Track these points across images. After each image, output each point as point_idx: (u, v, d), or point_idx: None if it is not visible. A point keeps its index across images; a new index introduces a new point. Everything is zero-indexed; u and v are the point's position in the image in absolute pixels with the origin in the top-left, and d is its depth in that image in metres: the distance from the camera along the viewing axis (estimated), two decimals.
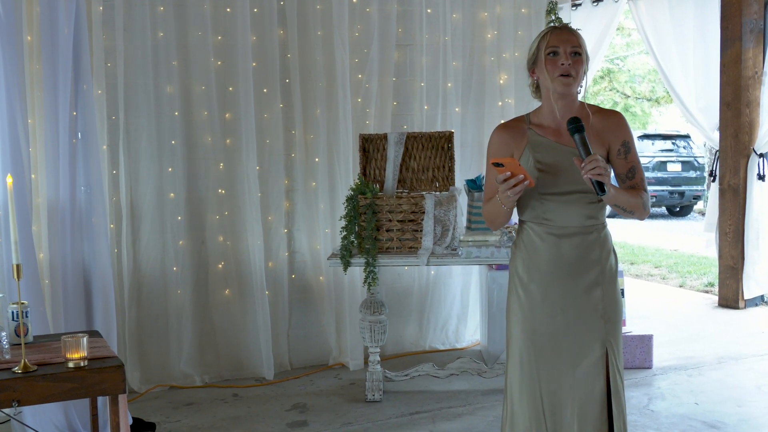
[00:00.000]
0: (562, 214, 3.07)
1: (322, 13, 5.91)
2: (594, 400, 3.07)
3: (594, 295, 3.09)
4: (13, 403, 2.88)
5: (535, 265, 3.14)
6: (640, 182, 3.09)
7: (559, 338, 3.10)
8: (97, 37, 5.25)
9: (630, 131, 3.16)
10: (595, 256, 3.09)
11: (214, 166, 5.74)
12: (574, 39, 3.06)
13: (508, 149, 3.15)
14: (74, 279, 4.59)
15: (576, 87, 3.07)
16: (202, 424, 4.98)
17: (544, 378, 3.11)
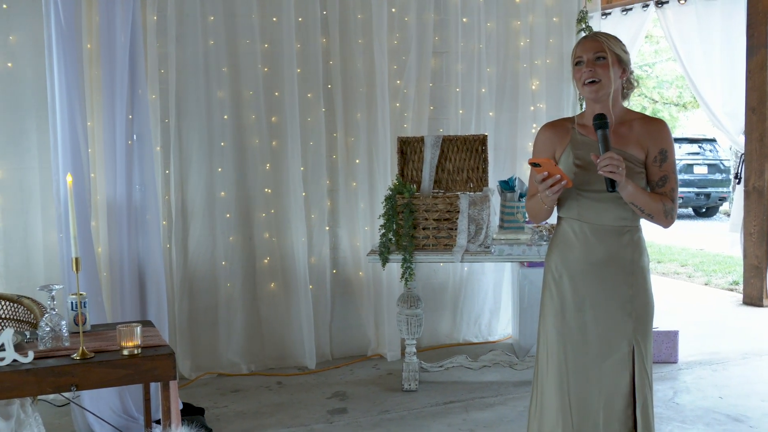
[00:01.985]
0: (596, 212, 3.04)
1: (362, 22, 5.91)
2: (619, 395, 3.04)
3: (623, 294, 3.05)
4: (72, 388, 2.91)
5: (569, 261, 3.11)
6: (669, 192, 3.02)
7: (587, 333, 3.07)
8: (152, 45, 5.30)
9: (670, 141, 3.07)
10: (627, 256, 3.05)
11: (261, 166, 5.77)
12: (597, 45, 3.01)
13: (552, 146, 3.13)
14: (130, 272, 4.63)
15: (607, 90, 3.01)
16: (248, 410, 5.00)
17: (572, 371, 3.08)
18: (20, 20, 5.10)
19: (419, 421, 4.75)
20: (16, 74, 5.14)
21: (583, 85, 3.02)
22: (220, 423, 4.76)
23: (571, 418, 3.08)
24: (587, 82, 3.01)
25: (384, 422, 4.75)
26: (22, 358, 2.87)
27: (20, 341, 3.15)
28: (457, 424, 4.69)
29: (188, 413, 4.70)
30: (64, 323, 3.17)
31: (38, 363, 2.90)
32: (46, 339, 3.11)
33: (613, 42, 3.04)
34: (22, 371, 2.84)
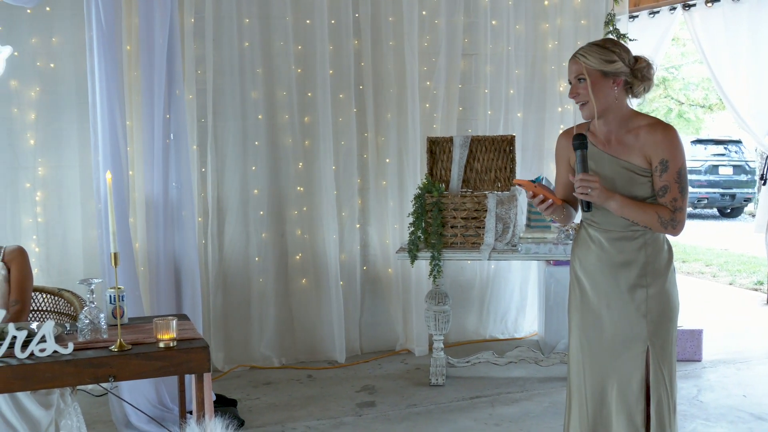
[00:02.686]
0: (606, 218, 3.04)
1: (393, 25, 5.90)
2: (631, 391, 3.04)
3: (637, 296, 3.03)
4: (109, 379, 2.93)
5: (586, 262, 3.14)
6: (669, 202, 2.92)
7: (603, 332, 3.09)
8: (189, 47, 5.32)
9: (674, 150, 2.92)
10: (640, 258, 3.03)
11: (294, 165, 5.78)
12: (577, 67, 2.98)
13: (566, 153, 3.16)
14: (166, 267, 4.66)
15: (599, 105, 2.95)
16: (279, 402, 5.01)
17: (588, 364, 3.12)
18: (63, 23, 5.15)
19: (446, 415, 4.73)
20: (59, 75, 5.20)
21: (577, 105, 3.06)
22: (252, 414, 4.78)
23: (587, 408, 3.12)
24: (578, 105, 3.02)
25: (412, 416, 4.74)
26: (63, 349, 2.89)
27: (61, 333, 3.17)
28: (483, 419, 4.67)
29: (221, 404, 4.72)
30: (102, 316, 3.19)
31: (78, 354, 2.92)
32: (85, 331, 3.13)
33: (593, 57, 2.94)
34: (62, 362, 2.86)
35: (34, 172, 5.22)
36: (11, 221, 5.06)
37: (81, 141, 5.18)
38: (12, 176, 5.16)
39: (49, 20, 5.15)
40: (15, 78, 5.08)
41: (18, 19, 5.06)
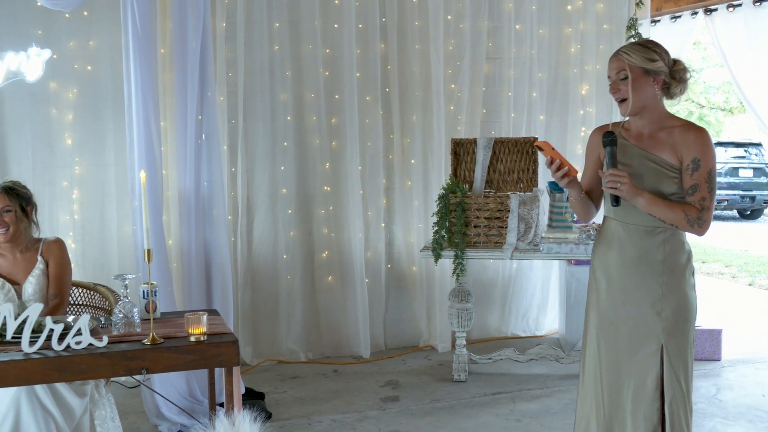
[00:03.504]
0: (632, 212, 3.00)
1: (419, 29, 5.89)
2: (646, 389, 3.01)
3: (653, 293, 3.00)
4: (142, 371, 2.94)
5: (606, 258, 3.11)
6: (698, 201, 2.90)
7: (619, 328, 3.06)
8: (220, 50, 5.35)
9: (706, 151, 2.92)
10: (659, 256, 2.99)
11: (321, 165, 5.79)
12: (619, 63, 2.97)
13: (598, 148, 3.14)
14: (197, 263, 4.68)
15: (636, 105, 2.95)
16: (305, 396, 5.03)
17: (605, 362, 3.09)
18: (100, 27, 5.19)
19: (468, 410, 4.72)
20: (96, 77, 5.24)
21: (616, 102, 3.04)
22: (279, 407, 4.79)
23: (603, 406, 3.10)
24: (617, 101, 3.02)
25: (434, 410, 4.73)
26: (97, 342, 2.91)
27: (95, 326, 3.20)
28: (505, 414, 4.65)
29: (250, 397, 4.74)
30: (136, 310, 3.21)
31: (112, 347, 2.95)
32: (119, 325, 3.15)
33: (636, 55, 2.94)
34: (97, 354, 2.88)
35: (72, 171, 5.27)
36: (49, 218, 5.10)
37: (116, 141, 5.22)
38: (50, 175, 5.21)
39: (86, 24, 5.19)
40: (54, 80, 5.13)
41: (57, 23, 5.11)
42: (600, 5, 6.26)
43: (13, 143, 5.13)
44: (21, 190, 3.67)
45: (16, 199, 3.59)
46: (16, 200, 3.58)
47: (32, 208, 3.69)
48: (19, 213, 3.59)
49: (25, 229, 3.63)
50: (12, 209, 3.57)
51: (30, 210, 3.67)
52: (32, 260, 3.65)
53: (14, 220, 3.57)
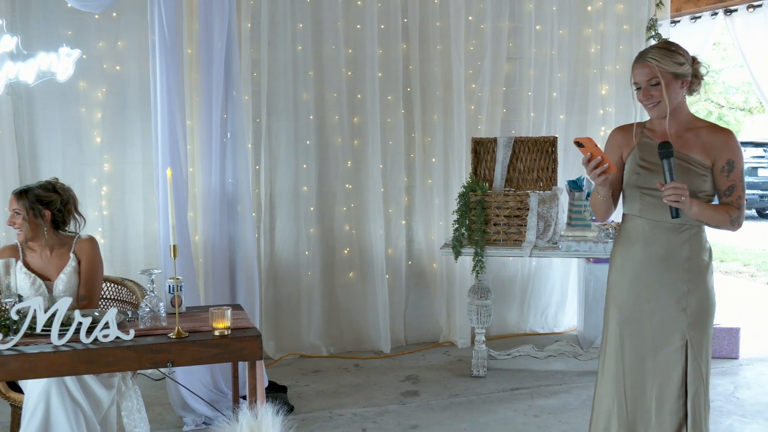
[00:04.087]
0: (657, 210, 2.98)
1: (441, 30, 5.88)
2: (671, 385, 2.99)
3: (679, 290, 2.98)
4: (167, 364, 2.96)
5: (630, 256, 3.08)
6: (735, 200, 2.95)
7: (643, 325, 3.04)
8: (245, 50, 5.36)
9: (738, 151, 2.97)
10: (684, 253, 2.98)
11: (343, 164, 5.79)
12: (648, 70, 2.93)
13: (620, 148, 3.11)
14: (222, 259, 4.69)
15: (670, 104, 2.94)
16: (327, 389, 5.04)
17: (628, 360, 3.06)
18: (128, 27, 5.23)
19: (487, 406, 4.71)
20: (124, 77, 5.28)
21: (646, 108, 3.01)
22: (301, 401, 4.81)
23: (626, 404, 3.08)
24: (649, 106, 2.98)
25: (453, 405, 4.73)
26: (124, 335, 2.93)
27: (123, 320, 3.22)
28: (523, 410, 4.64)
29: (272, 391, 4.75)
30: (162, 305, 3.23)
31: (138, 340, 2.96)
32: (145, 319, 3.17)
33: (666, 60, 2.91)
34: (124, 347, 2.90)
35: (100, 168, 5.31)
36: None
37: (144, 139, 5.26)
38: (79, 172, 5.26)
39: (115, 25, 5.23)
40: (83, 79, 5.18)
41: (86, 24, 5.15)
42: (620, 6, 6.22)
43: (44, 141, 5.19)
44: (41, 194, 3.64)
45: (26, 202, 3.59)
46: (26, 202, 3.59)
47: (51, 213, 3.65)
48: (30, 215, 3.59)
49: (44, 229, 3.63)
50: (20, 212, 3.59)
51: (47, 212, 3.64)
52: (65, 257, 3.67)
53: (24, 222, 3.59)
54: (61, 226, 3.71)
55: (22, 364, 2.79)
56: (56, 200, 3.67)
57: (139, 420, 3.53)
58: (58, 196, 3.68)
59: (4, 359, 2.77)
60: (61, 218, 3.69)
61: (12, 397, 3.43)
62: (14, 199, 3.62)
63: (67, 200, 3.71)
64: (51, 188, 3.69)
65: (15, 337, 2.85)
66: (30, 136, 5.17)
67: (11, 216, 3.62)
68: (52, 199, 3.66)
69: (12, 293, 3.05)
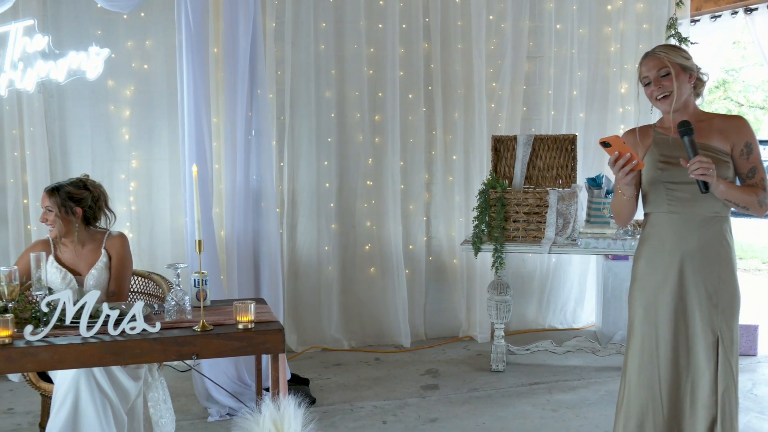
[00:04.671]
0: (687, 203, 2.95)
1: (462, 29, 5.86)
2: (705, 381, 2.96)
3: (709, 285, 2.95)
4: (192, 356, 2.97)
5: (660, 253, 3.03)
6: (760, 182, 2.93)
7: (676, 323, 2.99)
8: (269, 49, 5.38)
9: (752, 134, 3.01)
10: (715, 246, 2.95)
11: (364, 161, 5.80)
12: (659, 62, 2.96)
13: (634, 148, 3.07)
14: (246, 254, 4.72)
15: (681, 98, 2.95)
16: (348, 382, 5.05)
17: (663, 360, 3.01)
18: (155, 27, 5.26)
19: (505, 400, 4.70)
20: (151, 75, 5.32)
21: (656, 100, 3.00)
22: (323, 393, 4.82)
23: (662, 404, 3.03)
24: (659, 98, 2.98)
25: (473, 399, 4.72)
26: (151, 328, 2.95)
27: (149, 313, 3.25)
28: (541, 404, 4.62)
29: (295, 383, 4.77)
30: (187, 298, 3.24)
31: (164, 333, 2.98)
32: (171, 312, 3.19)
33: (673, 53, 2.96)
34: (150, 340, 2.92)
35: (129, 165, 5.35)
36: None
37: (170, 136, 5.29)
38: (108, 168, 5.31)
39: (143, 25, 5.27)
40: (112, 78, 5.22)
41: (115, 23, 5.19)
42: (640, 5, 6.17)
43: (74, 138, 5.24)
44: (73, 191, 3.66)
45: (58, 199, 3.62)
46: (57, 200, 3.62)
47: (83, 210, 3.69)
48: (62, 212, 3.63)
49: (76, 226, 3.67)
50: (53, 209, 3.62)
51: (78, 210, 3.67)
52: (96, 253, 3.70)
53: (56, 219, 3.63)
54: (92, 222, 3.74)
55: (52, 355, 2.82)
56: (87, 197, 3.70)
57: (165, 410, 3.56)
58: (89, 193, 3.71)
59: (34, 350, 2.80)
60: (92, 215, 3.72)
61: (42, 387, 3.47)
62: (46, 196, 3.65)
63: (97, 197, 3.74)
64: (82, 185, 3.71)
65: (45, 328, 2.88)
66: (61, 133, 5.22)
67: (44, 213, 3.66)
68: (83, 196, 3.68)
69: (42, 286, 3.09)
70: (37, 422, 4.05)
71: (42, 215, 3.67)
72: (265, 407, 2.79)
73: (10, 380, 5.05)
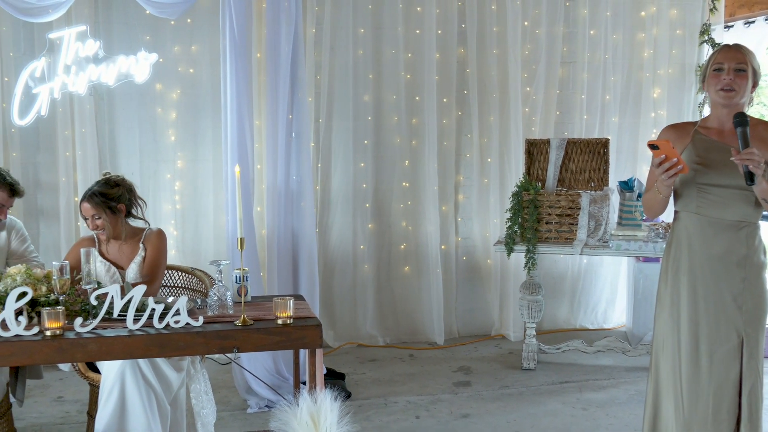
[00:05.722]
0: (716, 208, 2.91)
1: (497, 35, 5.84)
2: (729, 383, 2.90)
3: (735, 287, 2.90)
4: (233, 350, 2.99)
5: (686, 254, 2.99)
6: None
7: (699, 324, 2.95)
8: (309, 54, 5.41)
9: None
10: (742, 251, 2.90)
11: (401, 163, 5.80)
12: (741, 56, 2.91)
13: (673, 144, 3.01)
14: (285, 252, 4.74)
15: (739, 99, 2.91)
16: (382, 378, 5.05)
17: (684, 359, 2.97)
18: (201, 33, 5.31)
19: (536, 398, 4.67)
20: (196, 79, 5.37)
21: (718, 90, 2.93)
22: (358, 388, 4.84)
23: (682, 403, 2.98)
24: (725, 89, 2.91)
25: (504, 396, 4.70)
26: (194, 322, 2.98)
27: (192, 307, 3.27)
28: (571, 403, 4.59)
29: (331, 377, 4.79)
30: (229, 294, 3.26)
31: (207, 327, 3.00)
32: (213, 306, 3.22)
33: (752, 56, 2.93)
34: (193, 333, 2.95)
35: (174, 165, 5.42)
36: (153, 208, 5.25)
37: (214, 138, 5.34)
38: (155, 168, 5.38)
39: (189, 30, 5.33)
40: (159, 81, 5.28)
41: (163, 29, 5.26)
42: (674, 11, 6.09)
43: (123, 138, 5.31)
44: (108, 192, 3.70)
45: (100, 203, 3.64)
46: (100, 205, 3.63)
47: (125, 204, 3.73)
48: (108, 214, 3.66)
49: (123, 223, 3.73)
50: (99, 216, 3.64)
51: (121, 206, 3.72)
52: (136, 248, 3.74)
53: (105, 223, 3.66)
54: (131, 213, 3.79)
55: (100, 347, 2.86)
56: (122, 192, 3.73)
57: (207, 402, 3.59)
58: (121, 188, 3.74)
59: (83, 341, 2.85)
60: (131, 206, 3.78)
61: (91, 377, 3.52)
62: (88, 206, 3.64)
63: (129, 188, 3.79)
64: (112, 183, 3.74)
65: (94, 321, 2.93)
66: (110, 134, 5.30)
67: (91, 222, 3.65)
68: (119, 193, 3.71)
69: (92, 280, 3.13)
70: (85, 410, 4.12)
71: (90, 224, 3.66)
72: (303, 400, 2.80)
73: (60, 369, 5.14)
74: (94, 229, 3.68)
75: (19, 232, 3.94)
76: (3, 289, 3.00)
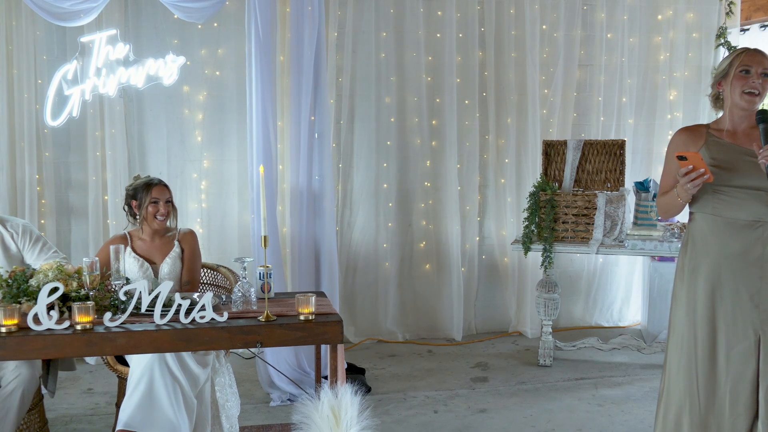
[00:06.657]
0: (731, 208, 2.87)
1: (516, 38, 5.81)
2: (745, 381, 2.86)
3: (752, 286, 2.86)
4: (257, 344, 3.00)
5: (701, 254, 2.95)
6: None
7: (716, 323, 2.90)
8: (332, 57, 5.41)
9: None
10: (758, 250, 2.85)
11: (422, 163, 5.79)
12: (767, 62, 2.88)
13: (686, 147, 3.00)
14: (307, 250, 4.75)
15: (759, 104, 2.89)
16: (402, 373, 5.05)
17: (701, 357, 2.93)
18: (227, 36, 5.34)
19: (552, 394, 4.65)
20: (222, 81, 5.40)
21: (743, 93, 2.89)
22: (378, 382, 4.84)
23: (698, 400, 2.94)
24: (748, 92, 2.88)
25: (520, 392, 4.68)
26: (219, 317, 2.99)
27: (217, 303, 3.29)
28: (587, 399, 4.56)
29: (351, 372, 4.79)
30: (252, 290, 3.28)
31: (231, 322, 3.02)
32: (238, 302, 3.23)
33: None
34: (218, 328, 2.96)
35: (200, 165, 5.44)
36: (180, 206, 5.23)
37: (239, 138, 5.36)
38: (182, 167, 5.41)
39: (216, 34, 5.35)
40: (186, 84, 5.31)
41: (190, 33, 5.29)
42: (690, 15, 6.03)
43: (151, 139, 5.35)
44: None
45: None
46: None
47: None
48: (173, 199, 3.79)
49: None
50: (170, 199, 3.76)
51: None
52: (169, 245, 3.78)
53: (171, 208, 3.76)
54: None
55: (129, 341, 2.88)
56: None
57: (231, 395, 3.61)
58: None
59: (112, 335, 2.87)
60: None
61: (119, 369, 3.55)
62: (166, 189, 3.75)
63: None
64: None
65: (122, 315, 2.95)
66: (139, 135, 5.34)
67: (162, 205, 3.72)
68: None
69: (121, 276, 3.16)
70: (114, 402, 4.15)
71: (164, 208, 3.72)
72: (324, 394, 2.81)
73: (88, 363, 5.18)
74: (163, 215, 3.72)
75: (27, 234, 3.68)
76: (35, 285, 3.03)
